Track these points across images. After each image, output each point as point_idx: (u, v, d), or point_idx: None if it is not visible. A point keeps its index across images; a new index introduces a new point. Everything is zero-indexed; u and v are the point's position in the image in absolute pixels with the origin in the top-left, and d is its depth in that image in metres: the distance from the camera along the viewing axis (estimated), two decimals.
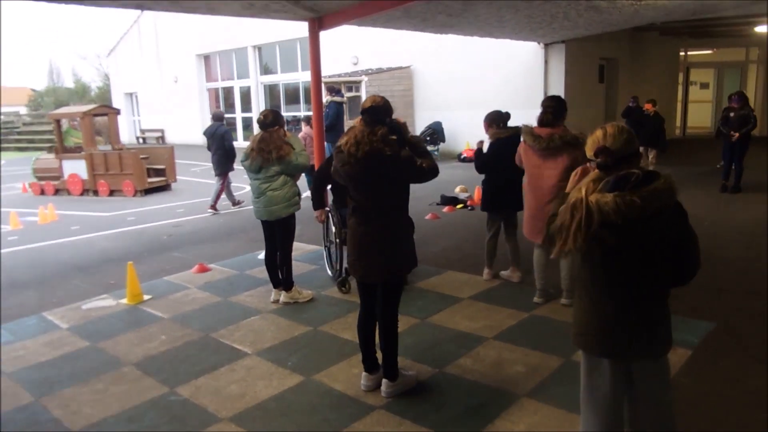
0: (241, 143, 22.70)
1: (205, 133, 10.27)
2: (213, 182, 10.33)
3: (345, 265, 5.31)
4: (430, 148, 13.56)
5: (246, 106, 22.37)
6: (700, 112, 20.00)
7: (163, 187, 12.80)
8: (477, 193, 9.75)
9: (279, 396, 3.74)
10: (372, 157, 3.34)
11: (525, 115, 7.48)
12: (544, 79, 13.97)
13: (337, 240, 5.54)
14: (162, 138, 25.99)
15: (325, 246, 6.02)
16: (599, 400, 2.67)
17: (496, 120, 5.60)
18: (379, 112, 3.45)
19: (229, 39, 21.65)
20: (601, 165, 2.41)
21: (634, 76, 15.81)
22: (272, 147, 5.04)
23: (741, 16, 12.87)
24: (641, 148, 10.74)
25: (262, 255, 6.87)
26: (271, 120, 5.11)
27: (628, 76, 15.70)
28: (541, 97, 13.67)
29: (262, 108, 21.81)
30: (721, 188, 9.87)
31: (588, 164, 2.54)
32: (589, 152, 2.49)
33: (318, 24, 8.51)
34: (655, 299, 2.52)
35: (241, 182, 11.12)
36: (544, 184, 4.78)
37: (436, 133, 15.49)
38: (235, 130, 22.96)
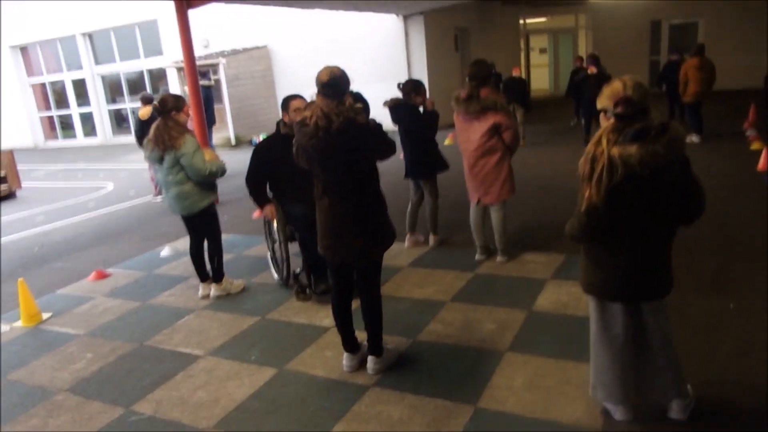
0: (81, 141, 20.64)
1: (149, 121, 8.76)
2: (64, 185, 9.28)
3: (294, 269, 4.88)
4: None
5: (82, 100, 20.25)
6: (540, 76, 21.56)
7: (7, 196, 11.22)
8: None
9: (258, 393, 3.42)
10: (346, 129, 3.10)
11: (389, 87, 7.55)
12: (406, 50, 14.19)
13: (281, 238, 4.80)
14: None
15: (269, 247, 5.25)
16: (612, 341, 2.75)
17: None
18: (340, 83, 3.19)
19: (50, 27, 19.35)
20: (621, 115, 2.42)
21: (483, 45, 16.54)
22: (166, 135, 4.57)
23: None
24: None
25: (165, 252, 6.34)
26: (171, 105, 4.61)
27: (479, 44, 16.41)
28: (404, 69, 14.09)
29: (102, 102, 19.96)
30: (584, 143, 10.66)
31: (603, 114, 2.54)
32: (608, 102, 2.49)
33: (186, 2, 7.87)
34: (663, 244, 2.62)
35: None
36: (470, 146, 4.88)
37: None
38: (72, 128, 20.78)
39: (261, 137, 13.64)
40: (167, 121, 4.57)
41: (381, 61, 14.26)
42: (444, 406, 3.13)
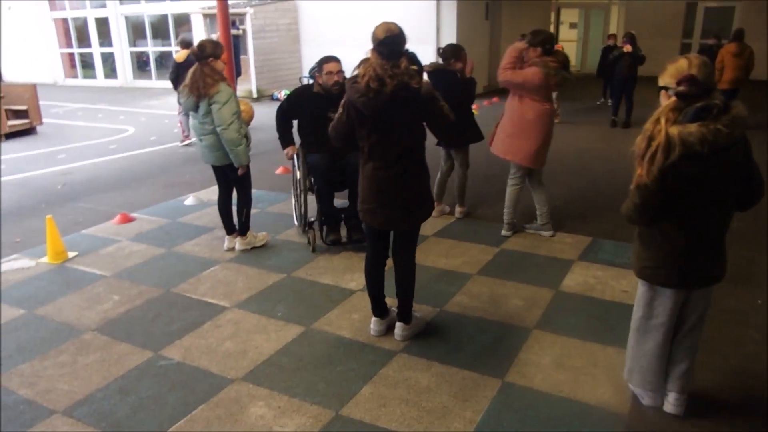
0: (101, 82, 20.49)
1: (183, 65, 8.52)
2: (84, 125, 9.22)
3: (310, 218, 5.03)
4: None
5: (104, 39, 20.03)
6: (568, 52, 21.02)
7: (28, 131, 11.20)
8: None
9: (285, 350, 3.45)
10: (398, 93, 3.03)
11: (418, 50, 7.41)
12: (436, 15, 13.92)
13: (301, 189, 5.04)
14: None
15: (296, 195, 5.32)
16: (656, 329, 2.73)
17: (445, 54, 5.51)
18: (397, 42, 3.08)
19: None
20: (683, 94, 2.36)
21: (513, 16, 16.22)
22: (201, 82, 4.51)
23: None
24: None
25: (189, 201, 6.34)
26: (209, 51, 4.53)
27: (509, 15, 16.08)
28: (434, 34, 13.82)
29: (125, 43, 19.73)
30: (611, 124, 10.49)
31: (664, 92, 2.48)
32: (670, 80, 2.43)
33: None
34: (720, 229, 2.58)
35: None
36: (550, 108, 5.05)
37: None
38: (92, 67, 20.59)
39: (283, 93, 13.50)
40: (204, 68, 4.50)
41: (411, 23, 13.92)
42: (471, 377, 3.15)
